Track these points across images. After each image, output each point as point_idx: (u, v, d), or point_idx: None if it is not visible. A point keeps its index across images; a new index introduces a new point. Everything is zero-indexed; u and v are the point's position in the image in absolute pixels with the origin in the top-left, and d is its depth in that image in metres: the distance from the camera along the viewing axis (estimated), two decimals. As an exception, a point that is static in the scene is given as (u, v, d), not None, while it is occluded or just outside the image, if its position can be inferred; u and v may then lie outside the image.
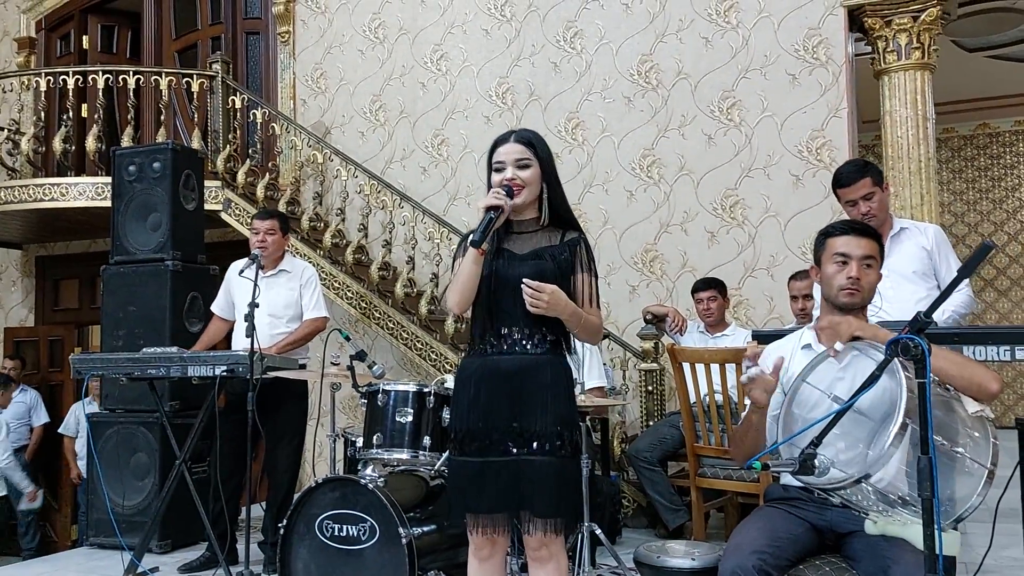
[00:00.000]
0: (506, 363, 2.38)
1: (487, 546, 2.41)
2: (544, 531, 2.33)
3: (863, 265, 2.36)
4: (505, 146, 2.45)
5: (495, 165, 2.45)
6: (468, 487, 2.37)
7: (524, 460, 2.32)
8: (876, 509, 2.03)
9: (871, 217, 3.28)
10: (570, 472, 2.39)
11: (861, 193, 3.33)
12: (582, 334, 2.43)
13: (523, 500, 2.33)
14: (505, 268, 2.39)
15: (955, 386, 2.10)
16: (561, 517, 2.35)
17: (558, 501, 2.33)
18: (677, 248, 6.11)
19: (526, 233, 2.46)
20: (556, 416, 2.35)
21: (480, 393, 2.38)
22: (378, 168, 6.85)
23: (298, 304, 4.47)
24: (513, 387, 2.36)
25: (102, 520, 4.74)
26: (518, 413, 2.34)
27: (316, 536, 3.20)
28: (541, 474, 2.31)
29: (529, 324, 2.37)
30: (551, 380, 2.38)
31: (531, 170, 2.42)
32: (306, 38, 7.43)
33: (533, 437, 2.33)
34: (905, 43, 5.61)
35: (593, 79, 6.42)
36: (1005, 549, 3.75)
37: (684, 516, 4.48)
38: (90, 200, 6.72)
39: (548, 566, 2.38)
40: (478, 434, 2.37)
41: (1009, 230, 10.46)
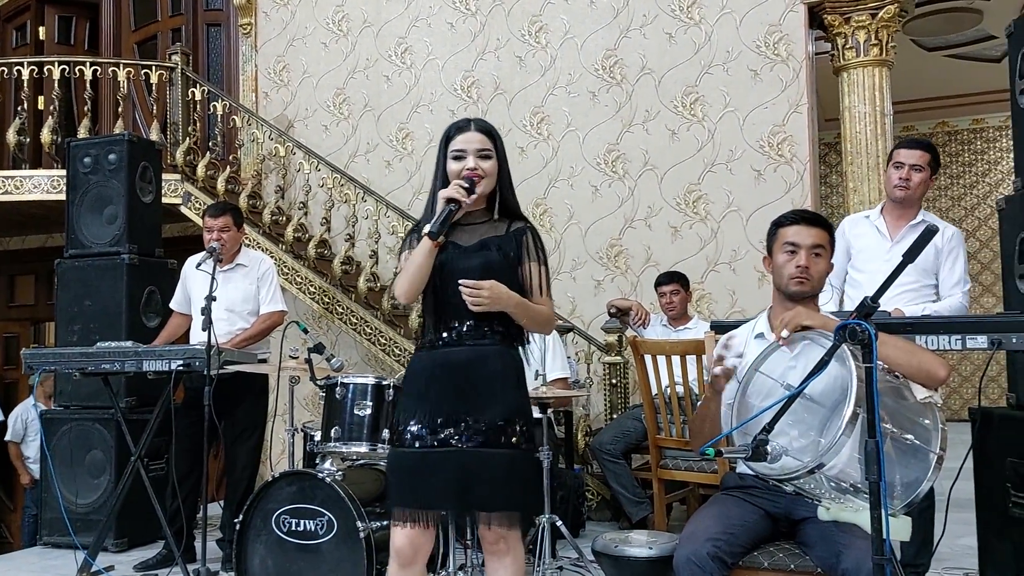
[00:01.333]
0: (456, 355, 2.35)
1: (409, 551, 2.32)
2: (499, 524, 2.28)
3: (812, 254, 2.38)
4: (466, 134, 2.40)
5: (455, 153, 2.39)
6: (409, 480, 2.31)
7: (474, 453, 2.27)
8: (829, 496, 2.05)
9: (904, 185, 3.44)
10: (525, 464, 2.35)
11: (912, 160, 3.46)
12: (531, 325, 2.40)
13: (474, 495, 2.27)
14: (453, 261, 2.35)
15: (903, 373, 2.13)
16: (516, 510, 2.30)
17: (512, 494, 2.29)
18: (641, 243, 6.13)
19: (472, 225, 2.42)
20: (507, 407, 2.31)
21: (430, 385, 2.34)
22: (342, 162, 6.80)
23: (256, 298, 4.40)
24: (463, 379, 2.32)
25: (56, 519, 4.64)
26: (469, 405, 2.30)
27: (273, 531, 3.16)
28: (493, 466, 2.27)
29: (478, 316, 2.34)
30: (501, 371, 2.34)
31: (491, 162, 2.39)
32: (268, 30, 7.35)
33: (484, 429, 2.28)
34: (863, 40, 5.68)
35: (558, 74, 6.42)
36: (960, 538, 3.81)
37: (647, 509, 4.50)
38: (45, 193, 6.60)
39: (505, 560, 2.34)
40: (426, 427, 2.32)
41: (968, 226, 10.62)
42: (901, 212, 3.53)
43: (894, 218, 3.54)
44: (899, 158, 3.49)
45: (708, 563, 2.14)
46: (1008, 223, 3.37)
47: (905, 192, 3.47)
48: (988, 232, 10.29)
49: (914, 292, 3.40)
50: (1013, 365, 3.42)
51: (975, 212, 10.60)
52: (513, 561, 2.35)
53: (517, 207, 2.49)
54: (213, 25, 7.87)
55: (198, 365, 3.73)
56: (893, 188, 3.48)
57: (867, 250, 3.44)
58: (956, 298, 3.43)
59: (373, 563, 2.97)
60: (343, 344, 6.52)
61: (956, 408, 9.98)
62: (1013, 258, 3.27)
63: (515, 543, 2.34)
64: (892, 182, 3.48)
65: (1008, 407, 3.38)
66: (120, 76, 6.75)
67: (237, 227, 4.40)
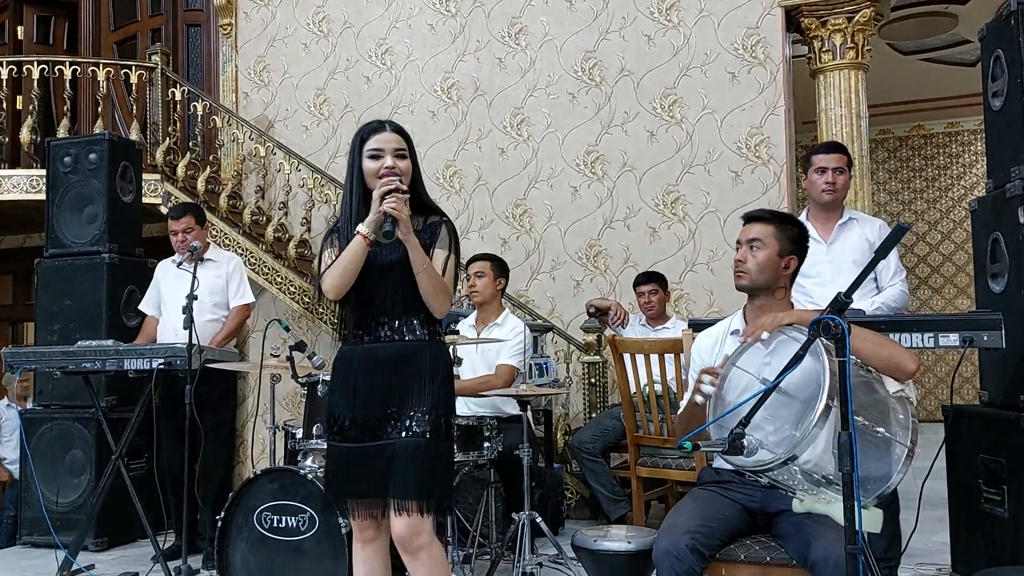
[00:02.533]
0: (382, 351, 2.41)
1: (370, 527, 2.42)
2: (408, 512, 2.29)
3: (749, 247, 2.48)
4: (382, 134, 2.47)
5: (371, 152, 2.44)
6: (344, 473, 2.39)
7: (396, 444, 2.34)
8: (803, 488, 2.09)
9: (831, 188, 3.55)
10: (440, 453, 2.38)
11: (833, 164, 3.57)
12: (426, 284, 2.36)
13: (390, 483, 2.32)
14: (376, 257, 2.41)
15: (874, 366, 2.18)
16: (427, 498, 2.31)
17: (423, 482, 2.31)
18: (620, 243, 6.17)
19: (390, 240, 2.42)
20: (431, 400, 2.37)
21: (357, 381, 2.40)
22: (322, 162, 6.80)
23: (224, 292, 4.50)
24: (389, 374, 2.38)
25: (36, 518, 4.63)
26: (394, 399, 2.37)
27: (255, 528, 3.17)
28: (407, 454, 2.32)
29: (404, 312, 2.41)
30: (428, 366, 2.41)
31: (406, 161, 2.46)
32: (249, 31, 7.34)
33: (406, 421, 2.35)
34: (840, 43, 5.75)
35: (538, 75, 6.46)
36: (935, 535, 3.88)
37: (625, 507, 4.53)
38: (24, 193, 6.55)
39: (420, 555, 2.33)
40: (356, 421, 2.38)
41: (943, 229, 10.76)
42: (827, 215, 3.63)
43: (822, 221, 3.63)
44: (820, 163, 3.60)
45: (687, 555, 2.18)
46: (980, 223, 3.45)
47: (833, 195, 3.58)
48: (963, 234, 10.43)
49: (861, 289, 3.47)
50: (984, 363, 3.49)
51: (950, 215, 10.73)
52: (429, 556, 2.34)
53: (431, 202, 2.56)
54: (193, 25, 7.84)
55: (179, 363, 3.75)
56: (821, 193, 3.58)
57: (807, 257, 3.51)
58: (897, 287, 3.54)
59: (355, 559, 2.99)
60: (323, 344, 6.51)
61: (931, 409, 10.11)
62: (985, 258, 3.35)
63: (428, 539, 2.34)
64: (819, 187, 3.58)
65: (980, 404, 3.45)
66: (100, 76, 6.72)
67: (200, 225, 4.50)
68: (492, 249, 6.29)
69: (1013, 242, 3.10)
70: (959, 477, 3.36)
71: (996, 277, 3.24)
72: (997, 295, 3.22)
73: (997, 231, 3.23)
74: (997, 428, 3.14)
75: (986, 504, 3.14)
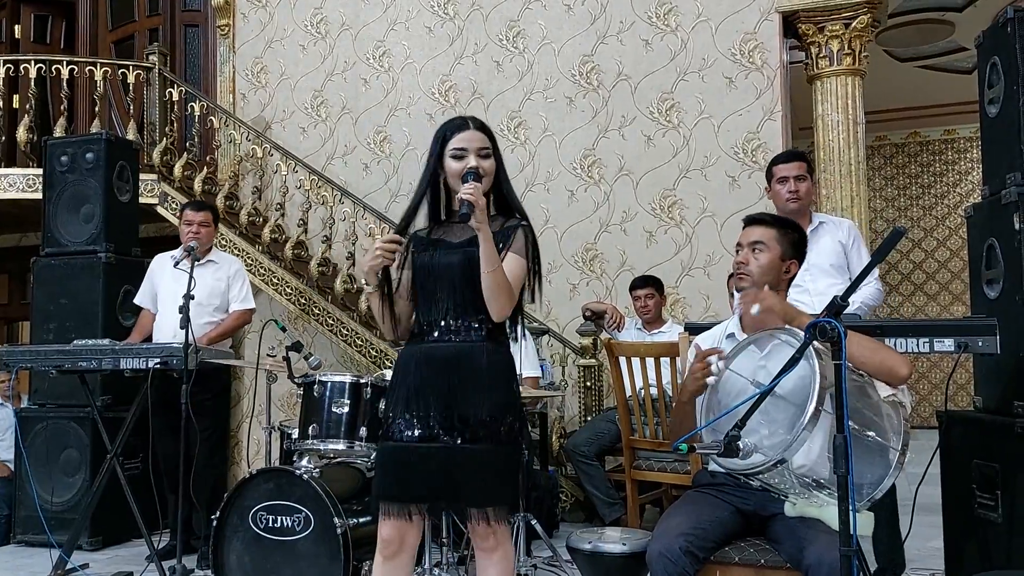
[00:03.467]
0: (442, 351, 2.35)
1: (395, 543, 2.36)
2: (487, 520, 2.28)
3: (751, 250, 2.48)
4: (466, 132, 2.38)
5: (454, 152, 2.36)
6: (395, 473, 2.33)
7: (459, 448, 2.28)
8: (795, 492, 2.10)
9: (795, 197, 3.56)
10: (508, 458, 2.34)
11: (794, 172, 3.58)
12: (491, 283, 2.27)
13: (459, 490, 2.28)
14: (439, 258, 2.38)
15: (867, 370, 2.18)
16: (502, 504, 2.31)
17: (497, 488, 2.30)
18: (616, 247, 6.18)
19: (465, 224, 2.34)
20: (493, 403, 2.30)
21: (417, 380, 2.34)
22: (319, 164, 6.80)
23: (224, 295, 4.47)
24: (450, 374, 2.32)
25: (31, 517, 4.63)
26: (455, 400, 2.30)
27: (250, 528, 3.17)
28: (479, 462, 2.27)
29: (465, 312, 2.35)
30: (487, 367, 2.33)
31: (490, 161, 2.39)
32: (246, 31, 7.34)
33: (469, 424, 2.28)
34: (837, 49, 5.78)
35: (535, 79, 6.47)
36: (929, 540, 3.89)
37: (620, 510, 4.54)
38: (21, 192, 6.54)
39: (495, 555, 2.35)
40: (413, 421, 2.32)
41: (938, 235, 10.79)
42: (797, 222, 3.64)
43: None
44: (781, 173, 3.61)
45: (680, 558, 2.19)
46: (975, 230, 3.46)
47: (798, 203, 3.59)
48: (958, 241, 10.46)
49: (839, 285, 3.50)
50: (979, 369, 3.50)
51: (946, 222, 10.77)
52: (503, 557, 2.36)
53: (516, 204, 2.48)
54: (191, 26, 7.84)
55: (175, 363, 3.75)
56: (785, 202, 3.60)
57: None
58: (872, 286, 3.56)
59: (350, 560, 3.00)
60: (319, 345, 6.51)
61: (926, 416, 10.13)
62: (980, 264, 3.36)
63: (504, 539, 2.35)
64: (783, 197, 3.60)
65: (975, 410, 3.46)
66: (97, 75, 6.71)
67: (215, 225, 4.49)
68: (489, 252, 6.29)
69: (1008, 248, 3.11)
70: (953, 483, 3.36)
71: (991, 283, 3.25)
72: (992, 301, 3.23)
73: (992, 237, 3.24)
74: (991, 434, 3.14)
75: (980, 509, 3.15)
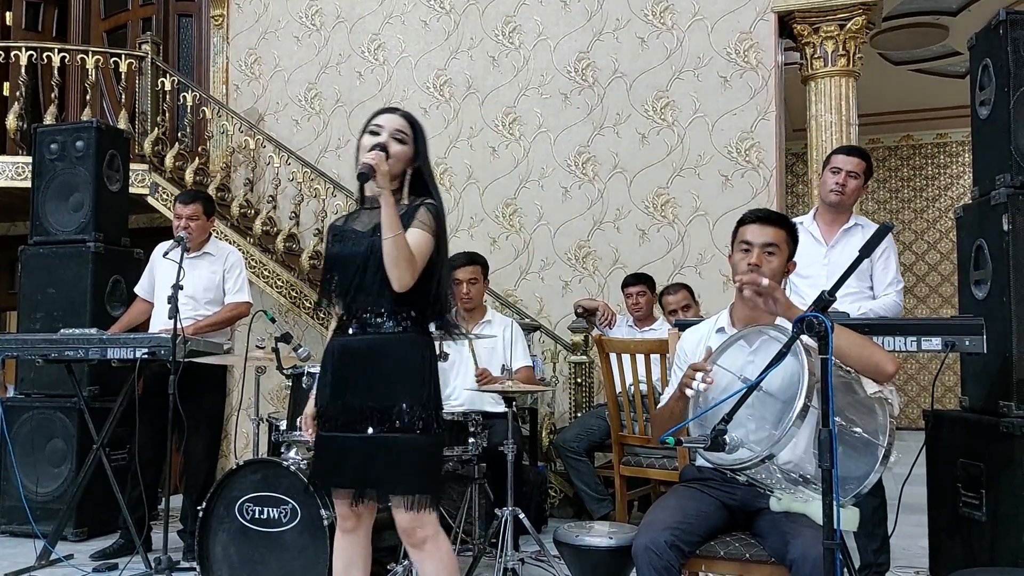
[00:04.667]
0: (357, 343, 2.38)
1: (351, 518, 2.45)
2: (407, 508, 2.30)
3: (764, 252, 2.42)
4: (388, 115, 2.47)
5: (372, 128, 2.43)
6: (327, 462, 2.40)
7: (380, 439, 2.31)
8: (781, 487, 2.10)
9: (840, 191, 3.53)
10: (427, 449, 2.36)
11: (848, 167, 3.55)
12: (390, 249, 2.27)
13: (381, 481, 2.32)
14: (347, 248, 2.40)
15: (853, 366, 2.19)
16: (421, 493, 2.31)
17: (416, 478, 2.31)
18: (609, 244, 6.19)
19: (374, 209, 2.40)
20: (410, 395, 2.33)
21: (337, 372, 2.39)
22: (312, 157, 6.79)
23: (219, 288, 4.39)
24: (367, 366, 2.35)
25: (15, 507, 4.59)
26: (373, 392, 2.34)
27: (236, 519, 3.16)
28: (396, 453, 2.30)
29: (378, 303, 2.36)
30: (405, 358, 2.36)
31: (404, 147, 2.41)
32: (240, 22, 7.32)
33: (388, 415, 2.31)
34: (831, 50, 5.79)
35: (531, 74, 6.47)
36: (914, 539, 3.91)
37: (608, 506, 4.54)
38: (10, 180, 6.51)
39: (425, 547, 2.34)
40: (337, 412, 2.37)
41: (929, 239, 10.82)
42: (834, 217, 3.61)
43: (827, 223, 3.62)
44: (836, 163, 3.58)
45: (666, 551, 2.19)
46: (965, 231, 3.47)
47: (840, 197, 3.56)
48: (948, 245, 10.49)
49: (856, 294, 3.49)
50: (966, 369, 3.52)
51: (936, 225, 10.79)
52: (434, 548, 2.35)
53: (433, 190, 2.48)
54: (184, 15, 7.81)
55: (163, 354, 3.73)
56: (829, 192, 3.57)
57: (804, 256, 3.43)
58: (891, 297, 3.52)
59: (335, 551, 2.98)
60: (310, 339, 6.48)
61: (913, 417, 10.16)
62: (969, 264, 3.37)
63: (432, 530, 2.35)
64: (828, 186, 3.57)
65: (961, 410, 3.47)
66: (89, 64, 6.68)
67: (207, 216, 4.41)
68: (481, 248, 6.29)
69: (997, 249, 3.12)
70: (939, 481, 3.38)
71: (979, 284, 3.27)
72: (980, 301, 3.24)
73: (981, 238, 3.25)
74: (977, 433, 3.16)
75: (964, 508, 3.17)
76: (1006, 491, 2.95)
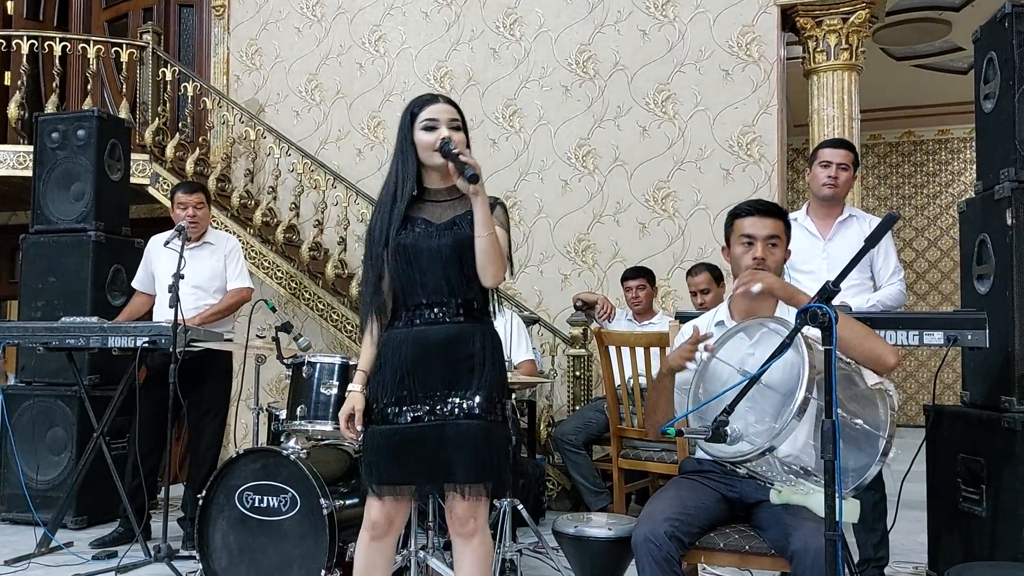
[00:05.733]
0: (434, 333, 2.31)
1: (383, 525, 2.34)
2: (465, 496, 2.25)
3: (768, 245, 2.41)
4: (436, 105, 2.36)
5: (426, 123, 2.33)
6: (386, 456, 2.29)
7: (450, 426, 2.26)
8: (781, 479, 2.10)
9: (833, 184, 3.53)
10: (498, 437, 2.30)
11: (838, 160, 3.55)
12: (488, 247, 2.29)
13: (445, 469, 2.25)
14: (424, 240, 2.32)
15: (855, 357, 2.18)
16: (485, 482, 2.26)
17: (482, 466, 2.25)
18: (609, 238, 6.18)
19: (443, 202, 2.38)
20: (484, 382, 2.29)
21: (409, 363, 2.31)
22: (312, 148, 6.78)
23: (223, 276, 4.41)
24: (444, 356, 2.30)
25: (16, 495, 4.60)
26: (450, 382, 2.29)
27: (236, 507, 3.15)
28: (464, 438, 2.24)
29: (453, 294, 2.32)
30: (480, 348, 2.32)
31: (461, 134, 2.36)
32: (241, 13, 7.29)
33: (460, 403, 2.27)
34: (834, 44, 5.78)
35: (531, 67, 6.45)
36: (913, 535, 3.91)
37: (606, 499, 4.55)
38: (11, 169, 6.50)
39: (474, 540, 2.30)
40: (404, 404, 2.30)
41: (929, 235, 10.83)
42: (828, 211, 3.61)
43: (821, 217, 3.62)
44: (825, 157, 3.57)
45: (665, 542, 2.18)
46: (968, 225, 3.47)
47: (833, 190, 3.55)
48: (949, 241, 10.50)
49: (858, 286, 3.49)
50: (967, 364, 3.52)
51: (937, 222, 10.80)
52: (481, 543, 2.32)
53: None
54: (185, 5, 7.78)
55: (164, 342, 3.73)
56: (821, 187, 3.56)
57: (802, 252, 3.45)
58: (895, 287, 3.53)
59: (336, 541, 2.99)
60: (309, 330, 6.48)
61: (912, 414, 10.18)
62: (972, 259, 3.37)
63: (483, 524, 2.32)
64: (820, 181, 3.56)
65: (962, 405, 3.47)
66: (90, 53, 6.66)
67: (208, 205, 4.44)
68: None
69: (1000, 244, 3.12)
70: (938, 476, 3.38)
71: (982, 279, 3.27)
72: (982, 296, 3.24)
73: (985, 232, 3.25)
74: (978, 428, 3.16)
75: (964, 503, 3.17)
76: (1007, 486, 2.95)
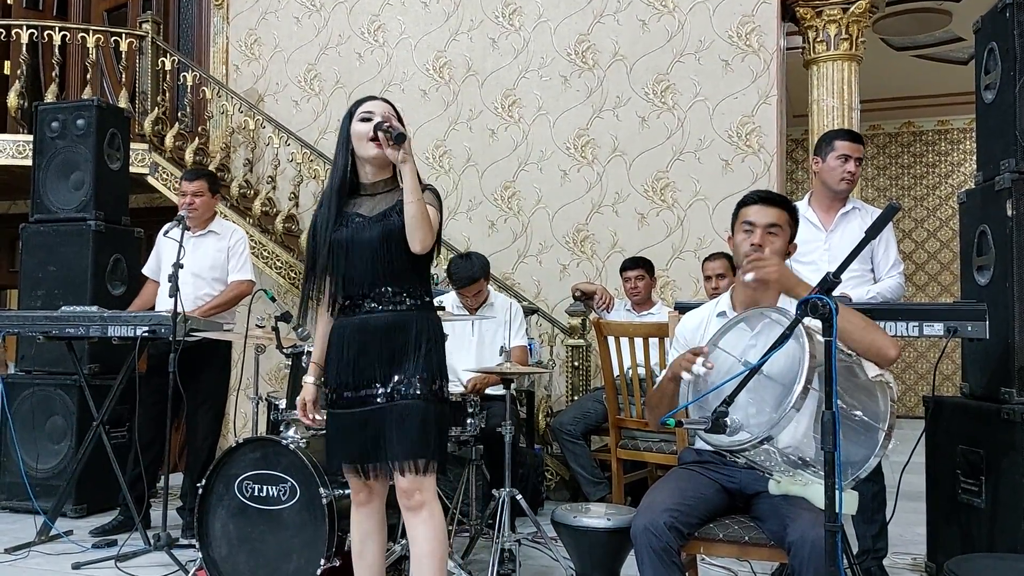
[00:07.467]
0: (374, 321, 2.45)
1: (363, 490, 2.53)
2: (409, 471, 2.37)
3: (767, 232, 2.42)
4: (374, 102, 2.51)
5: (363, 116, 2.46)
6: (340, 438, 2.47)
7: (389, 407, 2.40)
8: (780, 470, 2.10)
9: (851, 179, 3.52)
10: (434, 413, 2.43)
11: (856, 154, 3.54)
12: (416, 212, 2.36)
13: (386, 447, 2.40)
14: (357, 233, 2.45)
15: (856, 349, 2.18)
16: (425, 457, 2.39)
17: (421, 441, 2.38)
18: (608, 228, 6.18)
19: (377, 195, 2.51)
20: (420, 365, 2.42)
21: (356, 348, 2.45)
22: (311, 138, 6.76)
23: (224, 266, 4.41)
24: (382, 343, 2.43)
25: (15, 484, 4.61)
26: (392, 367, 2.43)
27: (235, 496, 3.16)
28: (403, 417, 2.38)
29: (390, 283, 2.45)
30: (415, 333, 2.45)
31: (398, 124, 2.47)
32: (241, 2, 7.26)
33: (398, 386, 2.41)
34: (834, 34, 5.77)
35: (531, 57, 6.43)
36: (912, 526, 3.93)
37: (605, 489, 4.56)
38: (11, 158, 6.48)
39: (422, 512, 2.41)
40: (349, 388, 2.45)
41: (929, 227, 10.81)
42: (832, 203, 3.59)
43: (824, 209, 3.60)
44: (844, 150, 3.53)
45: (665, 533, 2.19)
46: (968, 216, 3.46)
47: (851, 186, 3.55)
48: (949, 233, 10.49)
49: (858, 278, 3.49)
50: (967, 355, 3.52)
51: (937, 213, 10.78)
52: (430, 515, 2.43)
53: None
54: (185, -5, 7.76)
55: (164, 332, 3.73)
56: (839, 181, 3.52)
57: (804, 243, 3.41)
58: (895, 279, 3.52)
59: (335, 530, 2.99)
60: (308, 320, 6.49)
61: (911, 405, 10.19)
62: (972, 250, 3.37)
63: (430, 497, 2.43)
64: (838, 175, 3.52)
65: (961, 396, 3.48)
66: (89, 42, 6.64)
67: (212, 193, 4.43)
68: (480, 231, 6.31)
69: (1000, 235, 3.12)
70: (938, 468, 3.39)
71: (982, 270, 3.27)
72: (982, 287, 3.24)
73: (985, 224, 3.25)
74: (977, 420, 3.17)
75: (963, 495, 3.18)
76: (1006, 478, 2.96)
